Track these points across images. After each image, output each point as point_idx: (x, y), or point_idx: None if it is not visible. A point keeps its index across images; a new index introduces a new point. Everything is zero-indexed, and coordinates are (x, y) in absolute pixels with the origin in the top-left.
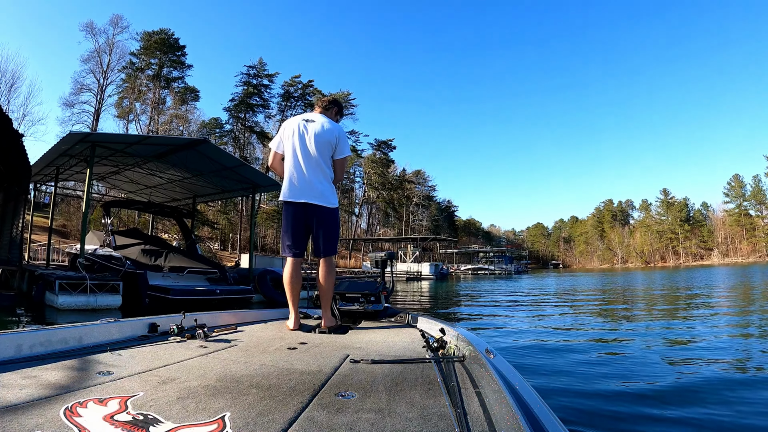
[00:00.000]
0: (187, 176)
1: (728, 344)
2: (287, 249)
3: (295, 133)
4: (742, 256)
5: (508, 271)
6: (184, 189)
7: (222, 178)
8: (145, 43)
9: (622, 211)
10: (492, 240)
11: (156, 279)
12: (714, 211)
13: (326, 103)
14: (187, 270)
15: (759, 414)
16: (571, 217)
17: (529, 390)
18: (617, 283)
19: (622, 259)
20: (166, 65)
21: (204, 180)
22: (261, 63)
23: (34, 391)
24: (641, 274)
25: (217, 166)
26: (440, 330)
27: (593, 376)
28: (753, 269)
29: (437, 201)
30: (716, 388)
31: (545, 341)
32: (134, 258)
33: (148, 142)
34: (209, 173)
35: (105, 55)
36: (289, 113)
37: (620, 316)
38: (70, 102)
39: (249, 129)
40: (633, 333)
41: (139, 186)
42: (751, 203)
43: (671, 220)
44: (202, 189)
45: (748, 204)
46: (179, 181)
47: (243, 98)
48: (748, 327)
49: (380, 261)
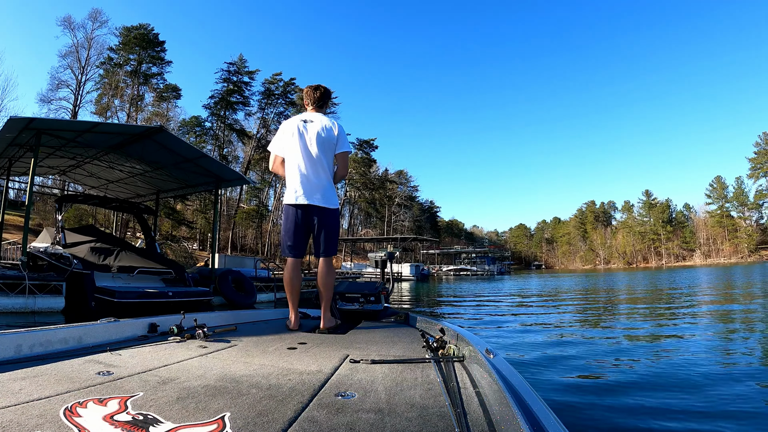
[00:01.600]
0: (148, 170)
1: (711, 341)
2: (288, 250)
3: (295, 134)
4: (724, 257)
5: (491, 272)
6: (146, 184)
7: (183, 171)
8: (124, 38)
9: (605, 213)
10: (475, 241)
11: (105, 280)
12: (696, 212)
13: (317, 99)
14: (137, 270)
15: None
16: (554, 218)
17: (529, 390)
18: (600, 285)
19: (605, 260)
20: (145, 61)
21: (166, 173)
22: (241, 60)
23: (34, 391)
24: (624, 275)
25: (178, 158)
26: (440, 330)
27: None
28: (735, 270)
29: (420, 201)
30: (717, 383)
31: (532, 341)
32: (82, 257)
33: (99, 129)
34: (170, 166)
35: (83, 51)
36: (269, 111)
37: (607, 317)
38: (47, 98)
39: (229, 127)
40: (617, 332)
41: (101, 181)
42: (733, 204)
43: (653, 221)
44: (165, 183)
45: (730, 205)
46: (141, 175)
47: (223, 96)
48: (731, 323)
49: (380, 261)
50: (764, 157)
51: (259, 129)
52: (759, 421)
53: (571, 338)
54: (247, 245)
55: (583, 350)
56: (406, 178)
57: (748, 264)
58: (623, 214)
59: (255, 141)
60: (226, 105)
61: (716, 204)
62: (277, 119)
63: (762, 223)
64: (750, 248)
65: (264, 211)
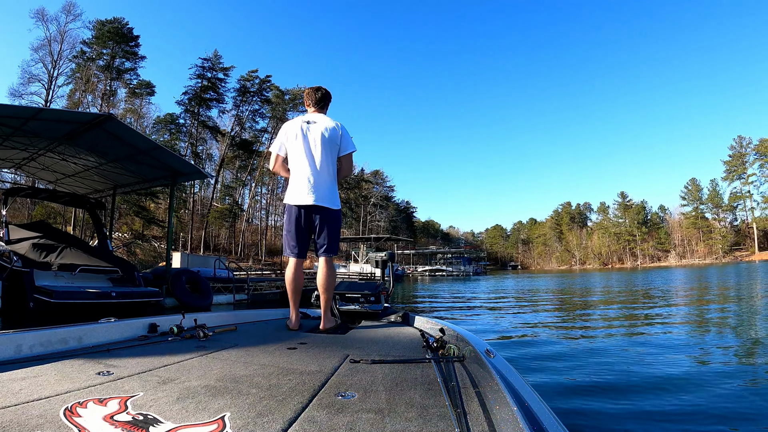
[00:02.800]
0: (103, 162)
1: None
2: (290, 250)
3: (298, 135)
4: (699, 257)
5: (466, 273)
6: (103, 178)
7: (138, 164)
8: (98, 32)
9: (580, 214)
10: (451, 241)
11: (47, 279)
12: (671, 214)
13: (318, 99)
14: (79, 268)
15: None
16: (530, 219)
17: (529, 390)
18: (576, 284)
19: (580, 261)
20: (119, 56)
21: (121, 167)
22: (216, 56)
23: (34, 391)
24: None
25: (131, 150)
26: (440, 330)
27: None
28: (709, 270)
29: (396, 202)
30: (719, 380)
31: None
32: (23, 254)
33: (44, 116)
34: (124, 158)
35: (56, 44)
36: (244, 109)
37: (583, 318)
38: (18, 92)
39: (202, 124)
40: (596, 330)
41: (57, 175)
42: (708, 206)
43: (629, 222)
44: (122, 178)
45: (705, 207)
46: (96, 168)
47: (197, 92)
48: (705, 324)
49: (380, 261)
50: (739, 160)
51: (233, 126)
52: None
53: (546, 338)
54: (221, 245)
55: (565, 350)
56: (382, 178)
57: (722, 265)
58: (599, 216)
59: (229, 139)
60: (199, 102)
61: (691, 206)
62: (252, 117)
63: (736, 224)
64: (724, 249)
65: (237, 210)
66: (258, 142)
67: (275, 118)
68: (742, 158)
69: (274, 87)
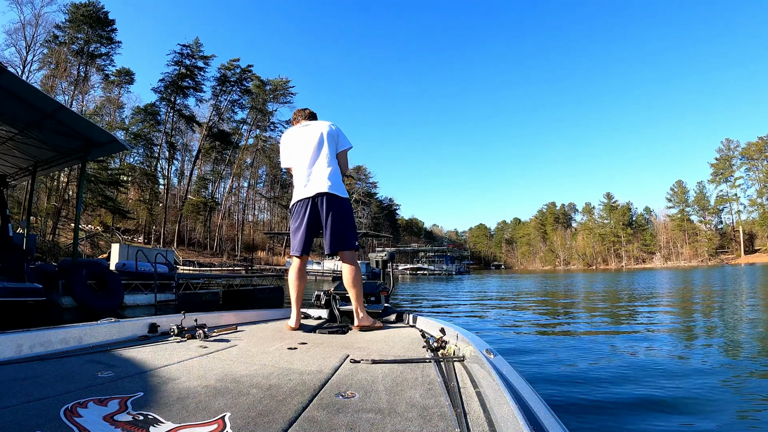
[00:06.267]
0: (14, 132)
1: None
2: (294, 248)
3: (296, 138)
4: (684, 260)
5: (449, 272)
6: (22, 153)
7: (48, 132)
8: (72, 15)
9: (565, 214)
10: (434, 240)
11: None
12: (657, 216)
13: (307, 114)
14: None
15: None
16: (514, 218)
17: (529, 390)
18: (560, 287)
19: (565, 261)
20: (93, 41)
21: (34, 137)
22: (197, 43)
23: (34, 391)
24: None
25: (35, 113)
26: (440, 330)
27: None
28: (695, 273)
29: (379, 199)
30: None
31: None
32: None
33: None
34: (32, 125)
35: (30, 28)
36: (224, 98)
37: (567, 318)
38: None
39: (178, 113)
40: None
41: None
42: (694, 209)
43: (614, 223)
44: (41, 152)
45: (691, 209)
46: (11, 140)
47: (174, 80)
48: (692, 324)
49: (381, 261)
50: (726, 162)
51: (211, 116)
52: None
53: (533, 336)
54: (195, 239)
55: (556, 349)
56: (365, 174)
57: (708, 267)
58: (584, 216)
59: (206, 129)
60: (176, 89)
61: (677, 208)
62: (231, 107)
63: (721, 227)
64: (710, 252)
65: (213, 203)
66: (237, 133)
67: (255, 109)
68: (729, 161)
69: (255, 77)
